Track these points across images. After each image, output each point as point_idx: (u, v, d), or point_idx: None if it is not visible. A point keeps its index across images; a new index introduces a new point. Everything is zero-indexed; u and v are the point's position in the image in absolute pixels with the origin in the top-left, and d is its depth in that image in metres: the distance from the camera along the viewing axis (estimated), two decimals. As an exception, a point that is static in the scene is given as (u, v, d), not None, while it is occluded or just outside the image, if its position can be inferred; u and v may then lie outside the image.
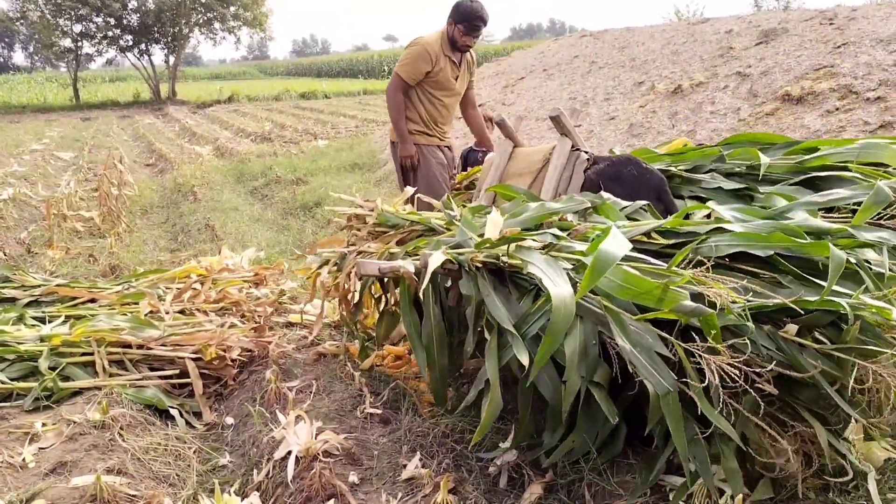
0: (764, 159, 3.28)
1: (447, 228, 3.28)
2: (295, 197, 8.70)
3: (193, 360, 3.58)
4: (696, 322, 2.07)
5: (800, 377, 1.98)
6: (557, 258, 2.48)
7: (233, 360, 3.70)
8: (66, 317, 3.98)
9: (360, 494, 2.48)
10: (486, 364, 2.39)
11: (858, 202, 2.75)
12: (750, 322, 2.00)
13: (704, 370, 1.95)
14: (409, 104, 4.84)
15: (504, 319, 2.40)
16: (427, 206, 3.91)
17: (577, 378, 2.18)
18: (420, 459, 2.60)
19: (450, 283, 2.83)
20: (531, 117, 9.27)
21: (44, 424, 2.98)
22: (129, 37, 34.03)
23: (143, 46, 34.36)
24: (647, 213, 3.04)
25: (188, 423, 3.32)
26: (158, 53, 35.76)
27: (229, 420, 3.30)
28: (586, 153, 3.65)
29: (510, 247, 2.61)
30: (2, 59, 75.30)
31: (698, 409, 1.99)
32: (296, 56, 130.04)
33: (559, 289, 2.23)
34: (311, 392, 3.26)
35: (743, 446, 2.04)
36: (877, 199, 2.65)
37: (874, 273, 2.23)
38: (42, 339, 3.59)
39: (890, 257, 2.32)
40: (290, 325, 4.25)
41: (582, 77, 10.25)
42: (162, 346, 3.65)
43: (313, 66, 62.26)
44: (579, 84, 9.96)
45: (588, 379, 2.21)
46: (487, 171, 4.00)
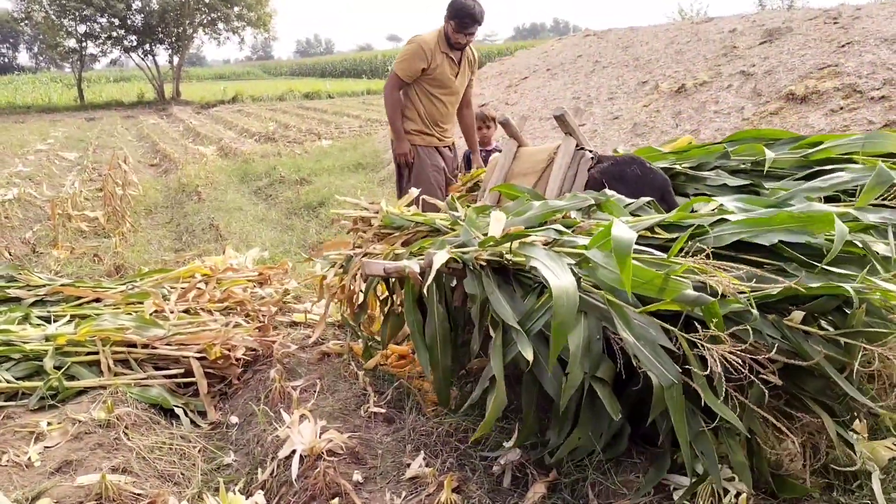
0: (769, 154, 3.25)
1: (452, 229, 3.28)
2: (299, 197, 8.71)
3: (198, 359, 3.58)
4: (699, 314, 2.06)
5: (806, 365, 1.96)
6: (560, 253, 2.47)
7: (237, 360, 3.70)
8: (72, 316, 3.99)
9: (364, 493, 2.49)
10: (490, 361, 2.39)
11: (862, 187, 2.71)
12: (754, 310, 1.98)
13: (708, 361, 1.94)
14: (408, 103, 4.85)
15: (508, 317, 2.40)
16: (432, 208, 3.91)
17: (579, 372, 2.17)
18: (424, 458, 2.60)
19: (455, 282, 2.83)
20: (534, 117, 9.26)
21: (49, 423, 2.99)
22: (134, 37, 34.15)
23: (147, 47, 34.46)
24: (650, 210, 3.02)
25: (193, 422, 3.33)
26: (162, 54, 35.93)
27: (234, 419, 3.31)
28: (591, 152, 3.65)
29: (513, 244, 2.61)
30: (6, 60, 75.52)
31: (702, 401, 1.98)
32: (299, 56, 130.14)
33: (560, 280, 2.22)
34: (315, 391, 3.27)
35: (749, 437, 2.03)
36: (879, 181, 2.62)
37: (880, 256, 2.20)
38: (47, 339, 3.60)
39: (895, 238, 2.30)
40: (294, 324, 4.25)
41: (585, 77, 10.24)
42: (167, 345, 3.66)
43: (317, 67, 62.31)
44: (583, 84, 9.95)
45: (591, 375, 2.21)
46: (492, 172, 4.00)
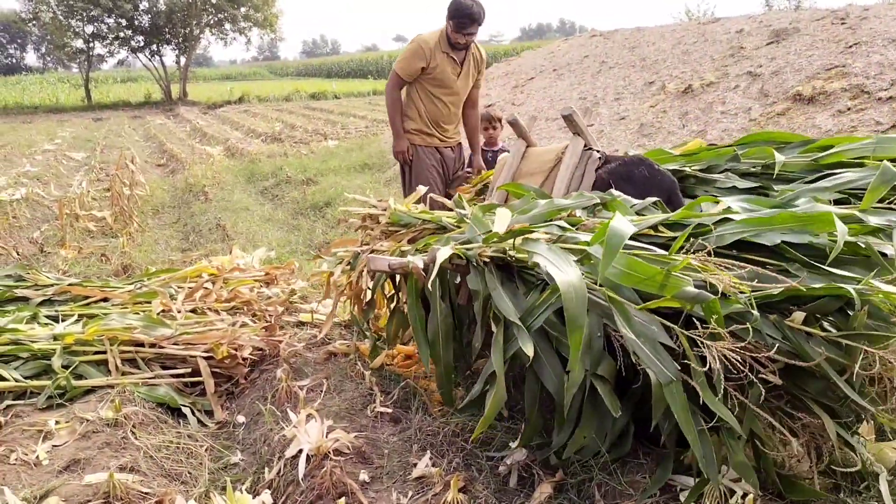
0: (779, 157, 3.22)
1: (458, 226, 3.29)
2: (305, 197, 8.72)
3: (205, 358, 3.60)
4: (701, 313, 2.05)
5: (807, 366, 1.95)
6: (563, 249, 2.46)
7: (244, 359, 3.72)
8: (79, 315, 4.01)
9: (371, 493, 2.49)
10: (491, 357, 2.39)
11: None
12: (755, 310, 1.97)
13: (707, 358, 1.93)
14: (409, 102, 4.87)
15: (510, 312, 2.40)
16: (440, 206, 3.93)
17: (580, 370, 2.16)
18: (430, 458, 2.60)
19: (459, 279, 2.83)
20: (541, 117, 9.26)
21: (57, 422, 3.00)
22: (141, 38, 34.26)
23: (154, 47, 34.58)
24: (656, 210, 3.01)
25: (200, 421, 3.34)
26: (169, 54, 36.06)
27: (241, 418, 3.31)
28: (598, 152, 3.64)
29: (516, 240, 2.62)
30: (14, 60, 75.77)
31: (701, 399, 1.97)
32: (306, 57, 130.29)
33: (565, 275, 2.21)
34: (321, 391, 3.27)
35: (746, 437, 2.02)
36: (884, 179, 2.56)
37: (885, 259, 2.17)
38: (55, 338, 3.62)
39: None
40: (300, 324, 4.27)
41: (592, 77, 10.24)
42: (174, 344, 3.67)
43: (323, 67, 62.39)
44: (589, 84, 9.94)
45: (592, 372, 2.20)
46: (500, 171, 4.01)
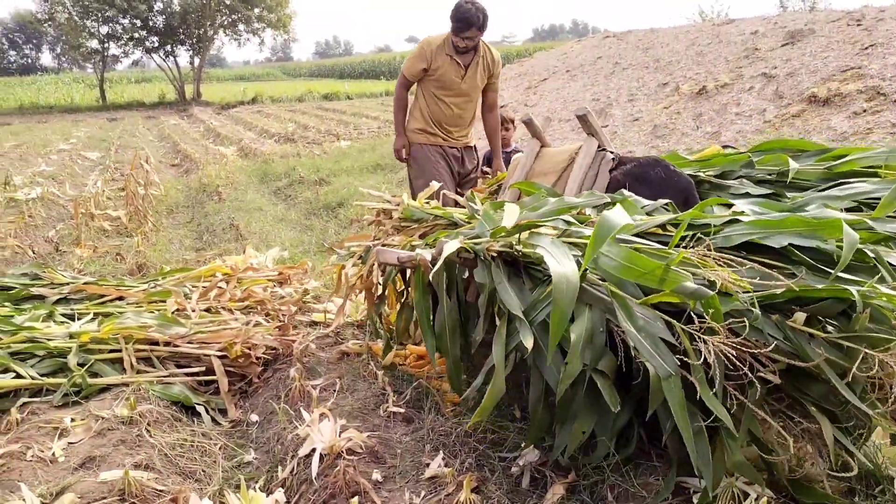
0: (793, 165, 3.21)
1: (469, 222, 3.30)
2: (318, 197, 8.75)
3: (219, 357, 3.62)
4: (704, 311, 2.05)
5: (806, 367, 1.94)
6: (566, 243, 2.47)
7: (258, 358, 3.74)
8: (95, 314, 4.04)
9: (384, 492, 2.50)
10: (493, 349, 2.40)
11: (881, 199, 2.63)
12: (756, 309, 1.97)
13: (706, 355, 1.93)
14: (416, 102, 4.96)
15: (514, 306, 2.41)
16: (453, 204, 3.95)
17: (578, 363, 2.16)
18: (443, 458, 2.61)
19: (467, 274, 2.84)
20: (554, 119, 9.26)
21: (73, 420, 3.03)
22: (155, 38, 34.54)
23: (168, 48, 34.85)
24: (668, 211, 2.98)
25: (214, 419, 3.36)
26: (184, 55, 36.32)
27: (254, 417, 3.33)
28: (612, 153, 3.63)
29: (522, 234, 2.62)
30: (30, 61, 76.41)
31: (698, 395, 1.96)
32: (318, 57, 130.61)
33: (561, 266, 2.23)
34: (334, 390, 3.29)
35: (745, 437, 2.01)
36: None
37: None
38: (71, 336, 3.65)
39: None
40: (313, 323, 4.28)
41: (605, 78, 10.21)
42: (188, 343, 3.70)
43: (336, 68, 62.55)
44: (602, 85, 9.92)
45: (592, 367, 2.20)
46: (514, 171, 4.02)
